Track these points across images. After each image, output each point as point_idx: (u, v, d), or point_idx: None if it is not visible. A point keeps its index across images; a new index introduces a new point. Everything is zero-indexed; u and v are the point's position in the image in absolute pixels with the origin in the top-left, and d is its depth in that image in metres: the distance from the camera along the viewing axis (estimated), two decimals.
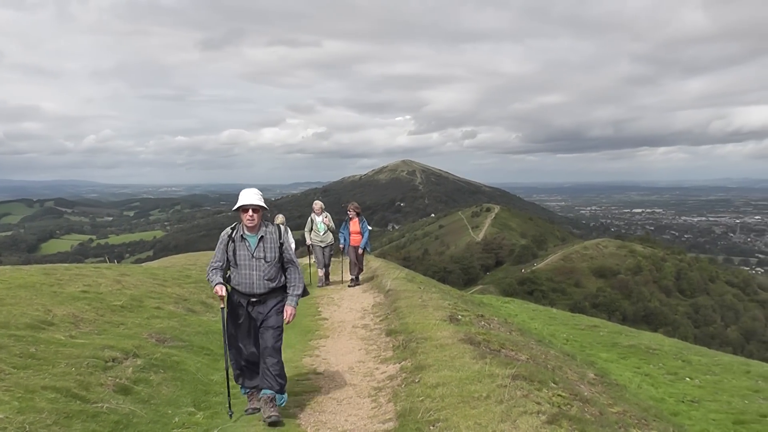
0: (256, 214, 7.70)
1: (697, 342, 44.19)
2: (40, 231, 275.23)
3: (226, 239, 7.87)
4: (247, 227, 7.78)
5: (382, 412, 7.65)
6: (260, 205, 7.71)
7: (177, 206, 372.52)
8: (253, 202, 7.64)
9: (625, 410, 8.48)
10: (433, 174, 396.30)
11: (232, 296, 7.89)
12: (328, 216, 20.11)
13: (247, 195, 7.73)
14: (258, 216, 7.73)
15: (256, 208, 7.70)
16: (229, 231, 7.93)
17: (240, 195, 7.77)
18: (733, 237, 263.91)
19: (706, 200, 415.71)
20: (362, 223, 19.49)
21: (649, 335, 22.33)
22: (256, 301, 7.78)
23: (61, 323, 10.12)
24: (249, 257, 7.73)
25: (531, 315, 23.07)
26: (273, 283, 7.80)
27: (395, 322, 12.36)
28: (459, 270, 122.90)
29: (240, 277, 7.78)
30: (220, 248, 7.88)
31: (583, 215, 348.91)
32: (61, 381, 7.28)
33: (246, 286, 7.75)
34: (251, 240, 7.78)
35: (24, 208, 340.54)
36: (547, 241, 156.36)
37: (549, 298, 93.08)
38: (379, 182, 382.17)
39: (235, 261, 7.78)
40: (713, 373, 15.75)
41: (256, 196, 7.73)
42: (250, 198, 7.68)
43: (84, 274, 14.96)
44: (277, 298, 7.87)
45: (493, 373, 7.72)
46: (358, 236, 19.29)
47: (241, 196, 7.74)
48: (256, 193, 7.79)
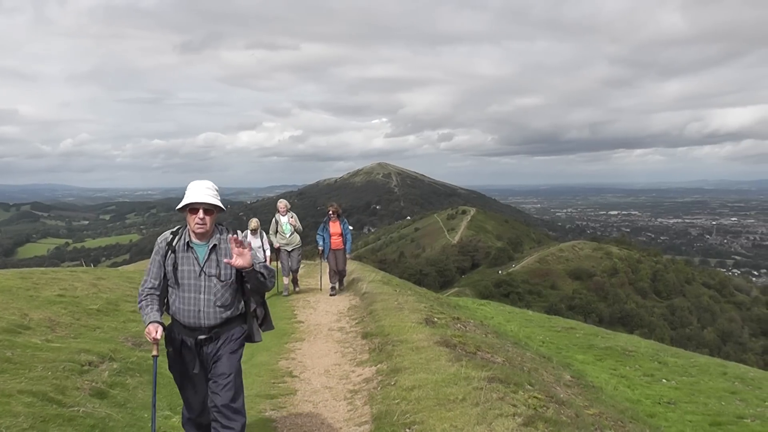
0: (208, 216, 5.65)
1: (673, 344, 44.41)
2: (16, 235, 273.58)
3: (165, 248, 5.83)
4: (196, 233, 5.73)
5: (358, 414, 7.67)
6: (214, 205, 5.67)
7: (153, 209, 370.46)
8: (205, 200, 5.60)
9: (601, 412, 8.56)
10: (409, 177, 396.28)
11: (173, 332, 5.91)
12: (294, 216, 18.34)
13: (197, 189, 5.68)
14: (211, 219, 5.69)
15: (210, 209, 5.66)
16: (168, 237, 5.90)
17: (187, 189, 5.74)
18: (709, 239, 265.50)
19: (682, 202, 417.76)
20: (343, 225, 18.00)
21: (625, 337, 22.46)
22: (205, 339, 5.78)
23: (38, 327, 10.08)
24: (196, 275, 5.72)
25: (507, 317, 23.14)
26: (228, 311, 5.80)
27: (371, 324, 12.39)
28: (435, 273, 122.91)
29: (182, 302, 5.75)
30: (155, 261, 5.84)
31: (559, 217, 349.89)
32: (37, 385, 7.26)
33: (190, 316, 5.73)
34: (200, 250, 5.75)
35: (0, 212, 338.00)
36: (523, 244, 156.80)
37: (525, 301, 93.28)
38: (354, 185, 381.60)
39: (175, 279, 5.75)
40: (690, 374, 15.86)
41: (210, 192, 5.68)
42: (200, 194, 5.64)
43: (60, 278, 14.91)
44: (231, 331, 5.86)
45: (469, 375, 7.76)
46: (339, 239, 17.80)
47: (188, 191, 5.70)
48: (208, 187, 5.72)
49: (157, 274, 5.81)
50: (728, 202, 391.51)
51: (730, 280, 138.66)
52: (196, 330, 5.76)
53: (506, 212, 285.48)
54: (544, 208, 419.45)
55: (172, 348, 5.92)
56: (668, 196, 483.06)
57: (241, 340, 5.91)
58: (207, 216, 5.64)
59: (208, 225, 5.67)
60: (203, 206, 5.62)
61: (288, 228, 18.22)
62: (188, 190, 5.72)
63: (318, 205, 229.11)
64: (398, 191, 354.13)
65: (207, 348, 5.78)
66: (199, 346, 5.80)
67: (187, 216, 5.72)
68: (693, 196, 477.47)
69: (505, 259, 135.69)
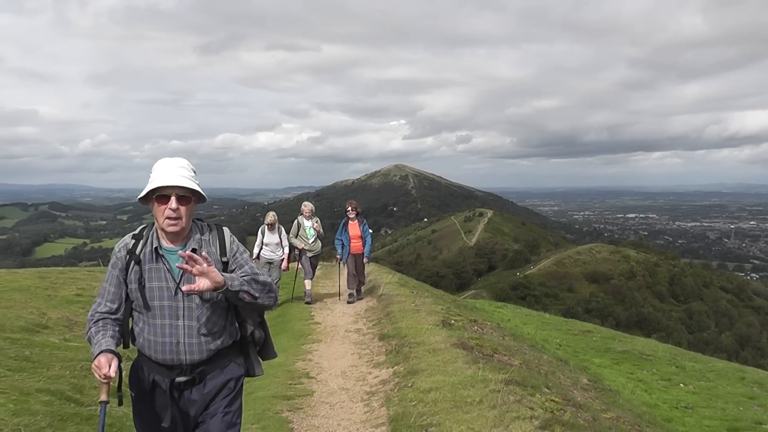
0: (183, 206, 3.77)
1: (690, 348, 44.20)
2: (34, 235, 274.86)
3: (124, 258, 3.94)
4: (167, 233, 3.85)
5: (374, 416, 7.65)
6: (192, 190, 3.82)
7: None
8: (177, 182, 3.75)
9: (618, 416, 8.52)
10: (426, 178, 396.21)
11: (140, 370, 4.00)
12: (318, 221, 16.91)
13: (167, 169, 3.82)
14: (187, 211, 3.81)
15: (185, 195, 3.79)
16: (129, 242, 3.99)
17: (153, 170, 3.88)
18: (727, 242, 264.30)
19: (700, 205, 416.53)
20: (363, 226, 16.57)
21: (642, 341, 22.39)
22: (186, 381, 3.89)
23: (56, 326, 10.14)
24: (170, 294, 3.84)
25: (524, 320, 23.11)
26: (217, 340, 3.95)
27: (388, 326, 12.37)
28: (452, 275, 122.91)
29: (152, 331, 3.88)
30: (112, 278, 3.98)
31: (576, 220, 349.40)
32: (55, 384, 7.30)
33: (165, 350, 3.85)
34: (174, 259, 3.83)
35: (18, 212, 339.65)
36: (540, 246, 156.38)
37: (542, 303, 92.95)
38: (371, 187, 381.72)
39: (143, 301, 3.87)
40: (707, 379, 15.79)
41: (184, 173, 3.83)
42: (171, 174, 3.79)
43: (78, 278, 15.01)
44: (223, 371, 4.00)
45: (486, 377, 7.74)
46: (359, 242, 16.41)
47: (154, 173, 3.85)
48: (182, 166, 3.86)
49: (115, 295, 3.96)
50: (747, 206, 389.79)
51: (749, 284, 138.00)
52: (173, 368, 3.90)
53: (523, 215, 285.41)
54: (561, 210, 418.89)
55: (138, 391, 4.00)
56: (686, 200, 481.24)
57: (239, 386, 4.09)
58: (181, 206, 3.76)
59: (183, 219, 3.79)
60: (176, 191, 3.75)
61: (312, 233, 16.68)
62: (154, 171, 3.88)
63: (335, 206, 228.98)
64: (415, 193, 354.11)
65: (188, 393, 3.94)
66: (176, 391, 3.92)
67: (153, 208, 3.82)
68: (711, 199, 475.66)
69: (522, 261, 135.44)
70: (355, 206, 16.66)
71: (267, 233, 16.29)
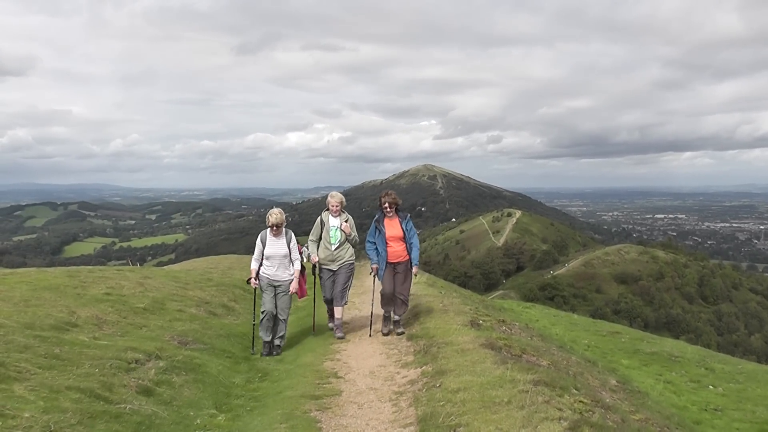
0: None
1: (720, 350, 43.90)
2: (63, 234, 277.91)
3: None
4: None
5: (403, 416, 7.63)
6: None
7: (198, 210, 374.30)
8: None
9: (647, 418, 8.46)
10: (454, 179, 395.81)
11: None
12: (349, 218, 12.39)
13: None
14: None
15: None
16: None
17: None
18: (757, 243, 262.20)
19: (729, 206, 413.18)
20: (406, 223, 11.99)
21: (671, 342, 22.21)
22: None
23: (85, 325, 10.21)
24: None
25: (552, 321, 23.01)
26: None
27: (416, 326, 12.34)
28: (480, 275, 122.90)
29: None
30: None
31: (605, 221, 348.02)
32: (84, 382, 7.34)
33: None
34: None
35: (48, 211, 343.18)
36: (569, 247, 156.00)
37: (570, 304, 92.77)
38: (400, 187, 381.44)
39: None
40: (737, 381, 15.65)
41: None
42: None
43: (107, 277, 15.08)
44: None
45: (515, 378, 7.70)
46: (400, 245, 11.95)
47: None
48: None
49: None
50: None
51: None
52: None
53: (551, 215, 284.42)
54: (589, 211, 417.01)
55: None
56: (716, 200, 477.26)
57: None
58: None
59: None
60: None
61: (338, 235, 12.15)
62: None
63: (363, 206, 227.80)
64: (443, 193, 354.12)
65: None
66: None
67: None
68: (741, 200, 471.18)
69: (551, 262, 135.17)
70: (395, 198, 12.01)
71: (269, 241, 11.63)
